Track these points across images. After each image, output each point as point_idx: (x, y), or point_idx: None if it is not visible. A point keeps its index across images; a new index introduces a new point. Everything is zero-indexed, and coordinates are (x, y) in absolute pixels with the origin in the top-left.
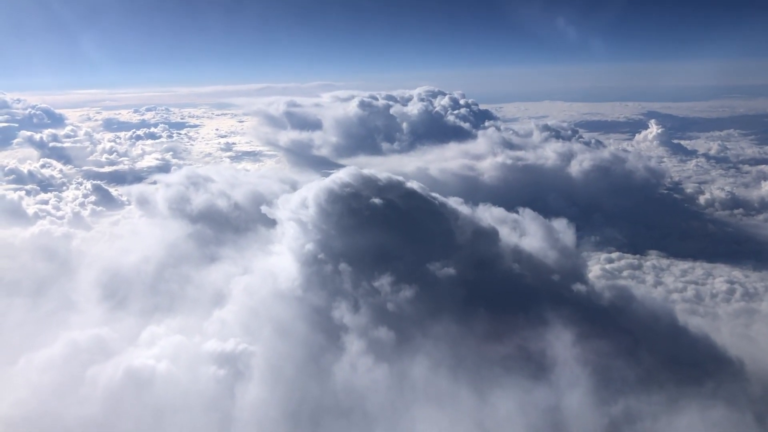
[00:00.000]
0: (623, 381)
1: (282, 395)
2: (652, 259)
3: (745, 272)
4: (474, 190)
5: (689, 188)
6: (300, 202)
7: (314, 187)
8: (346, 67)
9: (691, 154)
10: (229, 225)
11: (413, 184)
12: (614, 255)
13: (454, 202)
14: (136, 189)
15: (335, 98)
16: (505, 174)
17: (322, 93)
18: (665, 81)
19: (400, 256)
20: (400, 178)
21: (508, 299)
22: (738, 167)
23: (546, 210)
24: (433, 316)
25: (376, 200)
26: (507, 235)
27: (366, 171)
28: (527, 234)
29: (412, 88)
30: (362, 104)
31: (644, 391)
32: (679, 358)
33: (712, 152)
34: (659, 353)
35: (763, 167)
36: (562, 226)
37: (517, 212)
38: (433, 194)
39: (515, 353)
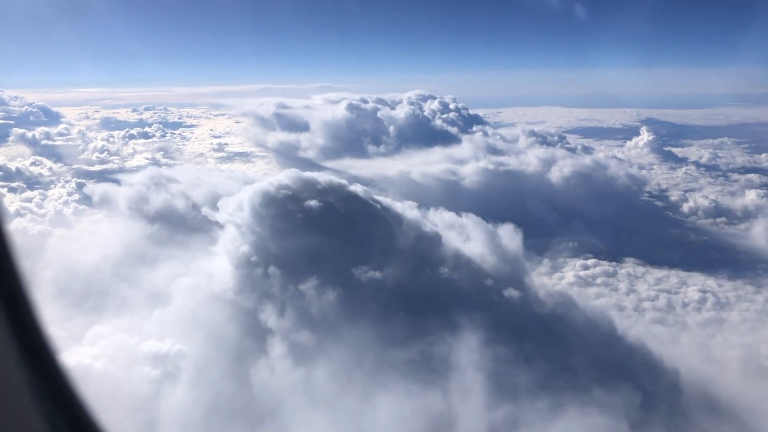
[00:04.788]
0: (515, 387)
1: (204, 397)
2: (628, 267)
3: (719, 281)
4: (455, 195)
5: (674, 196)
6: (237, 204)
7: (250, 190)
8: (347, 69)
9: (682, 161)
10: (186, 225)
11: (356, 188)
12: (590, 262)
13: (404, 207)
14: (100, 188)
15: (326, 100)
16: (486, 179)
17: (318, 95)
18: (666, 88)
19: (331, 259)
20: (343, 182)
21: (431, 304)
22: (727, 175)
23: (526, 215)
24: (351, 321)
25: (312, 203)
26: (452, 240)
27: (307, 174)
28: (472, 239)
29: (412, 91)
30: (350, 107)
31: (533, 398)
32: (593, 366)
33: (703, 160)
34: (569, 360)
35: (751, 176)
36: (508, 231)
37: (499, 220)
38: (377, 198)
39: (418, 358)
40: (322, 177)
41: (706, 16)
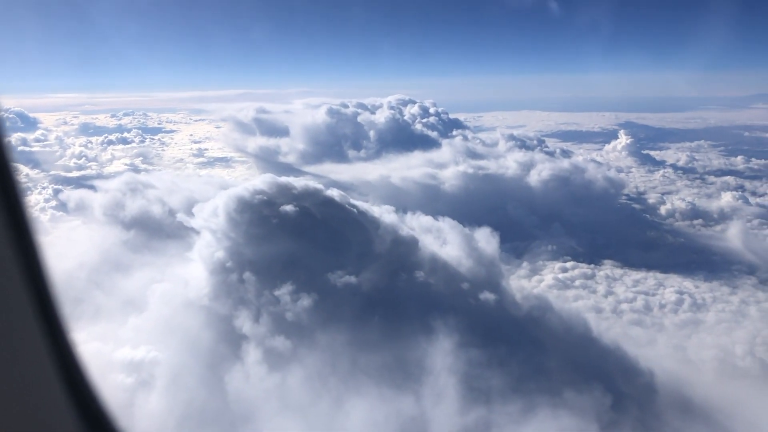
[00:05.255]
0: (488, 391)
1: (178, 404)
2: (606, 269)
3: (696, 283)
4: (434, 199)
5: (652, 198)
6: (212, 210)
7: (226, 195)
8: (327, 74)
9: (660, 164)
10: (162, 231)
11: (332, 192)
12: (569, 264)
13: (381, 211)
14: (76, 194)
15: (306, 105)
16: (466, 183)
17: (298, 100)
18: (644, 92)
19: (307, 264)
20: (319, 186)
21: (406, 308)
22: (704, 178)
23: (505, 219)
24: (326, 326)
25: (288, 208)
26: (429, 244)
27: (282, 179)
28: (449, 243)
29: (392, 95)
30: (330, 112)
31: (505, 401)
32: (567, 369)
33: (681, 163)
34: (544, 363)
35: (727, 178)
36: (485, 235)
37: (479, 223)
38: (354, 202)
39: (392, 362)
40: (298, 182)
41: (684, 21)
